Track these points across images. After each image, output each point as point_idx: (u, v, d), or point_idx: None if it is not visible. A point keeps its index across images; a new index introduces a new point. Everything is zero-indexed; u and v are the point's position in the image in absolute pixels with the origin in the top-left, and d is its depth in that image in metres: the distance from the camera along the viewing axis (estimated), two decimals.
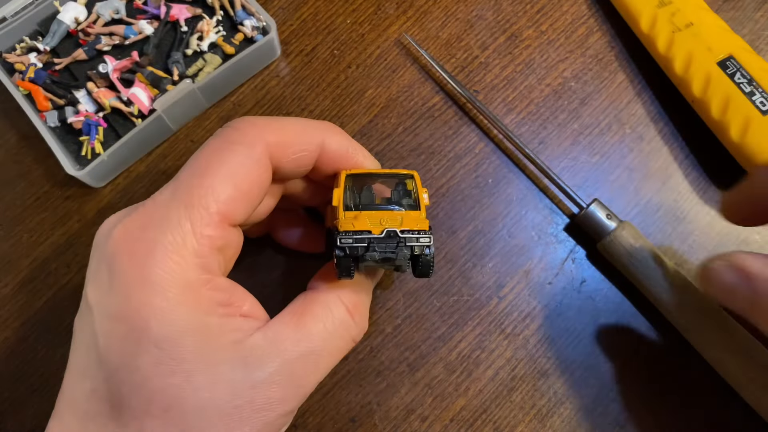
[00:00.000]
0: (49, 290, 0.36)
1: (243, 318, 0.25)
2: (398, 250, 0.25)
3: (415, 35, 0.41)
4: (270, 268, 0.36)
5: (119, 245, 0.24)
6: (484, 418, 0.34)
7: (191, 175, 0.25)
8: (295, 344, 0.25)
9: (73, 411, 0.24)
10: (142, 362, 0.23)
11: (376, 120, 0.39)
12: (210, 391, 0.23)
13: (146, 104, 0.37)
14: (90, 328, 0.24)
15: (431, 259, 0.26)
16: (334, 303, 0.27)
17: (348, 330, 0.27)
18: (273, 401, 0.24)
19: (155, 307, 0.23)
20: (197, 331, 0.23)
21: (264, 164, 0.26)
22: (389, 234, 0.25)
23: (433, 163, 0.38)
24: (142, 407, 0.23)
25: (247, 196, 0.25)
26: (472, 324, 0.35)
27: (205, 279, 0.24)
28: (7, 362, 0.35)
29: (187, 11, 0.39)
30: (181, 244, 0.23)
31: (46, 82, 0.38)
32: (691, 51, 0.36)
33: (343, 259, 0.25)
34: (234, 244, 0.26)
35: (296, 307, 0.27)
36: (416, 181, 0.28)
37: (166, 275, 0.23)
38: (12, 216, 0.38)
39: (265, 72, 0.40)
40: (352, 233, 0.25)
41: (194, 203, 0.24)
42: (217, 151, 0.25)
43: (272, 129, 0.27)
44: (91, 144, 0.37)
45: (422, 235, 0.26)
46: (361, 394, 0.34)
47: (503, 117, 0.39)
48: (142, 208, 0.25)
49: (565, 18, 0.41)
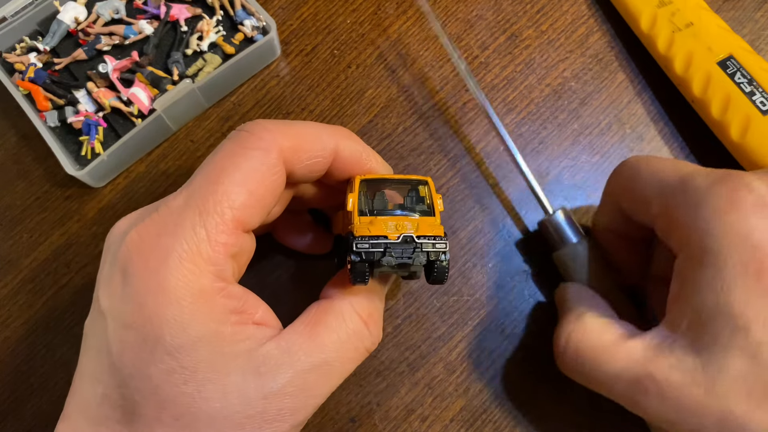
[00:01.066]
0: (49, 290, 0.36)
1: (256, 326, 0.25)
2: (414, 256, 0.25)
3: (415, 35, 0.41)
4: (271, 268, 0.36)
5: (133, 252, 0.23)
6: (484, 418, 0.34)
7: (206, 181, 0.24)
8: (309, 355, 0.25)
9: (84, 415, 0.24)
10: (154, 370, 0.23)
11: (376, 120, 0.39)
12: (222, 401, 0.23)
13: (146, 104, 0.37)
14: (102, 334, 0.24)
15: (447, 266, 0.26)
16: (348, 313, 0.27)
17: (362, 340, 0.27)
18: (285, 412, 0.24)
19: (169, 316, 0.22)
20: (210, 340, 0.23)
21: (279, 170, 0.26)
22: (405, 239, 0.25)
23: (433, 163, 0.38)
24: (154, 415, 0.23)
25: (261, 202, 0.25)
26: (472, 324, 0.35)
27: (219, 287, 0.24)
28: (7, 362, 0.35)
29: (187, 11, 0.39)
30: (195, 251, 0.23)
31: (46, 82, 0.38)
32: (692, 51, 0.36)
33: (359, 264, 0.25)
34: (247, 250, 0.26)
35: (309, 317, 0.26)
36: (430, 187, 0.28)
37: (181, 283, 0.23)
38: (12, 216, 0.38)
39: (265, 72, 0.40)
40: (368, 238, 0.25)
41: (209, 210, 0.24)
42: (232, 155, 0.25)
43: (287, 134, 0.26)
44: (91, 144, 0.37)
45: (438, 240, 0.25)
46: (361, 394, 0.34)
47: (503, 117, 0.39)
48: (156, 214, 0.24)
49: (565, 18, 0.41)
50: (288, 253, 0.36)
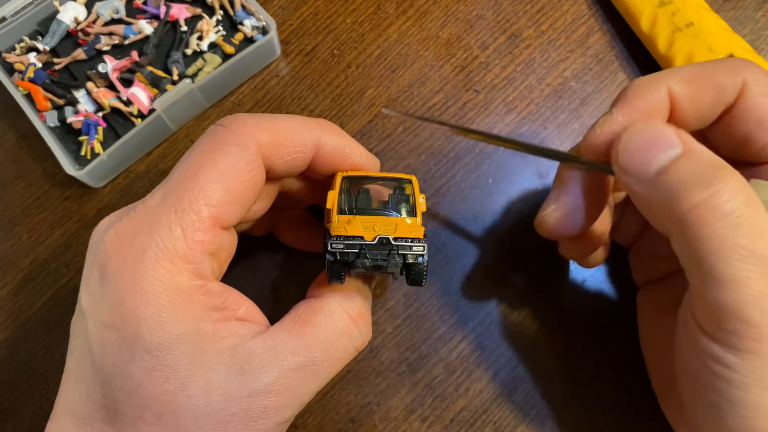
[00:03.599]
0: (49, 290, 0.36)
1: (239, 322, 0.25)
2: (390, 258, 0.25)
3: (415, 35, 0.40)
4: (270, 268, 0.36)
5: (110, 251, 0.23)
6: (485, 419, 0.34)
7: (182, 178, 0.24)
8: (296, 354, 0.25)
9: (70, 414, 0.24)
10: (135, 369, 0.23)
11: (376, 120, 0.39)
12: (204, 398, 0.23)
13: (146, 104, 0.37)
14: (84, 333, 0.24)
15: (424, 268, 0.26)
16: (338, 312, 0.26)
17: (351, 340, 0.27)
18: (270, 411, 0.24)
19: (147, 314, 0.22)
20: (191, 337, 0.23)
21: (257, 166, 0.25)
22: (381, 241, 0.25)
23: (433, 163, 0.38)
24: (136, 414, 0.23)
25: (239, 199, 0.25)
26: (473, 324, 0.35)
27: (197, 285, 0.24)
28: (7, 362, 0.35)
29: (187, 11, 0.39)
30: (171, 249, 0.23)
31: (46, 82, 0.38)
32: (692, 51, 0.36)
33: (334, 264, 0.25)
34: (227, 247, 0.26)
35: (297, 315, 0.26)
36: (414, 186, 0.27)
37: (157, 282, 0.23)
38: (12, 216, 0.38)
39: (264, 72, 0.40)
40: (343, 238, 0.25)
41: (185, 207, 0.23)
42: (209, 152, 0.25)
43: (265, 129, 0.26)
44: (91, 144, 0.37)
45: (416, 243, 0.25)
46: (361, 394, 0.34)
47: (503, 117, 0.39)
48: (133, 213, 0.24)
49: (565, 18, 0.41)
50: (286, 251, 0.36)
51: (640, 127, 0.25)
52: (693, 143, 0.24)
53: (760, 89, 0.26)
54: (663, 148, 0.24)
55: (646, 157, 0.24)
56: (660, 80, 0.26)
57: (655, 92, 0.26)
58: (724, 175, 0.22)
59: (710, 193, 0.21)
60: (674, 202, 0.22)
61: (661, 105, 0.26)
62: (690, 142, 0.24)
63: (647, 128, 0.24)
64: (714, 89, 0.26)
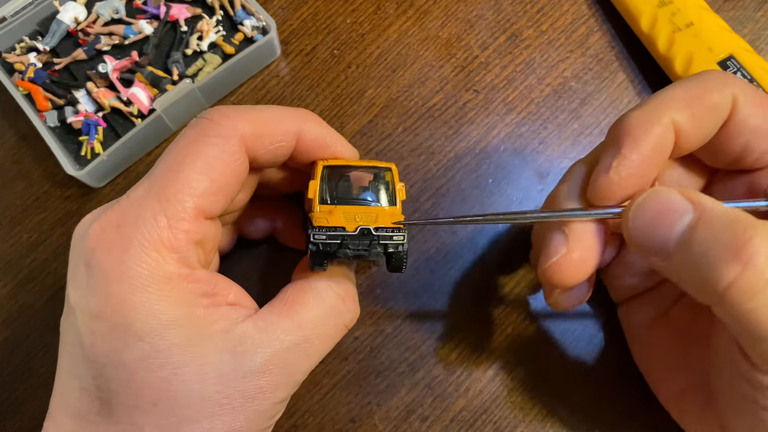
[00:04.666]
0: (49, 290, 0.36)
1: (230, 306, 0.25)
2: (371, 248, 0.26)
3: (415, 35, 0.40)
4: (270, 268, 0.36)
5: (95, 244, 0.24)
6: (485, 419, 0.34)
7: (166, 170, 0.25)
8: (287, 333, 0.25)
9: (66, 411, 0.24)
10: (128, 357, 0.23)
11: (376, 120, 0.39)
12: (199, 382, 0.23)
13: (146, 104, 0.37)
14: (74, 328, 0.24)
15: (404, 255, 0.26)
16: (325, 290, 0.27)
17: (341, 316, 0.27)
18: (265, 390, 0.24)
19: (136, 302, 0.23)
20: (182, 322, 0.23)
21: (240, 156, 0.26)
22: (363, 232, 0.26)
23: (433, 163, 0.38)
24: (131, 402, 0.23)
25: (223, 190, 0.25)
26: (473, 324, 0.35)
27: (184, 273, 0.24)
28: (7, 362, 0.35)
29: (187, 11, 0.39)
30: (157, 239, 0.23)
31: (46, 82, 0.38)
32: (692, 51, 0.36)
33: (317, 254, 0.26)
34: (212, 237, 0.26)
35: (286, 296, 0.27)
36: (393, 175, 0.28)
37: (145, 271, 0.23)
38: (12, 216, 0.38)
39: (264, 72, 0.40)
40: (325, 229, 0.25)
41: (170, 198, 0.24)
42: (192, 144, 0.25)
43: (248, 119, 0.26)
44: (91, 144, 0.37)
45: (396, 233, 0.26)
46: (361, 394, 0.34)
47: (503, 117, 0.39)
48: (117, 206, 0.24)
49: (565, 18, 0.41)
50: (286, 251, 0.36)
51: (644, 201, 0.24)
52: (704, 201, 0.22)
53: (749, 100, 0.26)
54: (675, 218, 0.22)
55: (660, 233, 0.23)
56: (659, 111, 0.25)
57: (658, 125, 0.25)
58: (750, 239, 0.20)
59: (743, 266, 0.20)
60: (707, 282, 0.21)
61: (669, 136, 0.25)
62: (701, 201, 0.22)
63: (651, 200, 0.23)
64: (711, 110, 0.25)
